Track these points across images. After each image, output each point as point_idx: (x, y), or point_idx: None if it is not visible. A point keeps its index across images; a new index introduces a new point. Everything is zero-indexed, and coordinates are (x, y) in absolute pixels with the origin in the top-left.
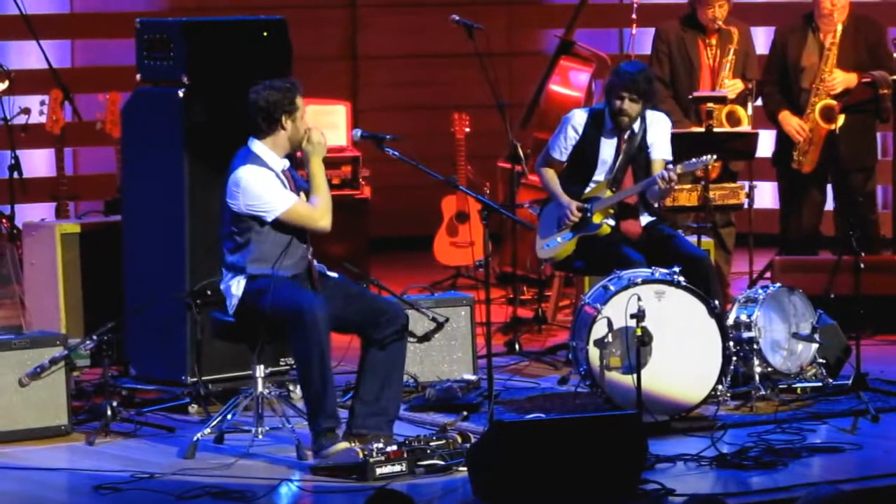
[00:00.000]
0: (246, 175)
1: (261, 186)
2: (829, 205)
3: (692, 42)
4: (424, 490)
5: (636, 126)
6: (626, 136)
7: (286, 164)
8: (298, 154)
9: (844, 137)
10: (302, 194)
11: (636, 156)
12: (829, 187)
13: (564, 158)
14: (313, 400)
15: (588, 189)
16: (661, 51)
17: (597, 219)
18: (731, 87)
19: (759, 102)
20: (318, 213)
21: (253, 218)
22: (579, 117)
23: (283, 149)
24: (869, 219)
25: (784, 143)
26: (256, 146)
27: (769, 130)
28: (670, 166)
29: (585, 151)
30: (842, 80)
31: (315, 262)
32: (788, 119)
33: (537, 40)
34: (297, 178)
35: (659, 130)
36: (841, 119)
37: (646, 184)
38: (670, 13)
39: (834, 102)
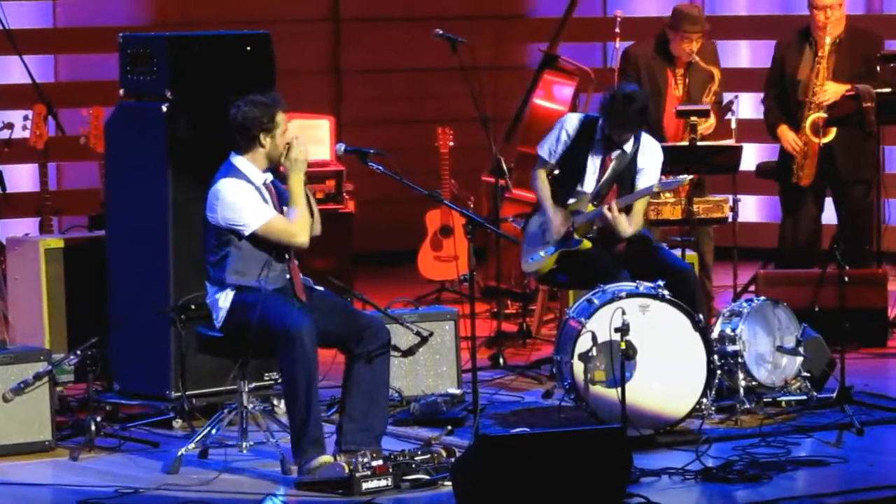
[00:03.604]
0: (224, 188)
1: (238, 200)
2: (828, 219)
3: (661, 70)
4: None
5: (628, 146)
6: (612, 155)
7: (269, 177)
8: (281, 168)
9: (839, 150)
10: (286, 209)
11: (624, 174)
12: (827, 200)
13: (554, 161)
14: (297, 422)
15: (572, 200)
16: (629, 74)
17: (578, 234)
18: (707, 127)
19: (741, 115)
20: (296, 228)
21: (231, 231)
22: (572, 122)
23: (262, 164)
24: (865, 232)
25: (785, 156)
26: (237, 160)
27: (753, 144)
28: (613, 202)
29: (573, 159)
30: (833, 91)
31: (301, 275)
32: (786, 133)
33: (521, 54)
34: (282, 189)
35: (651, 158)
36: (832, 132)
37: (595, 213)
38: (653, 27)
39: (822, 116)
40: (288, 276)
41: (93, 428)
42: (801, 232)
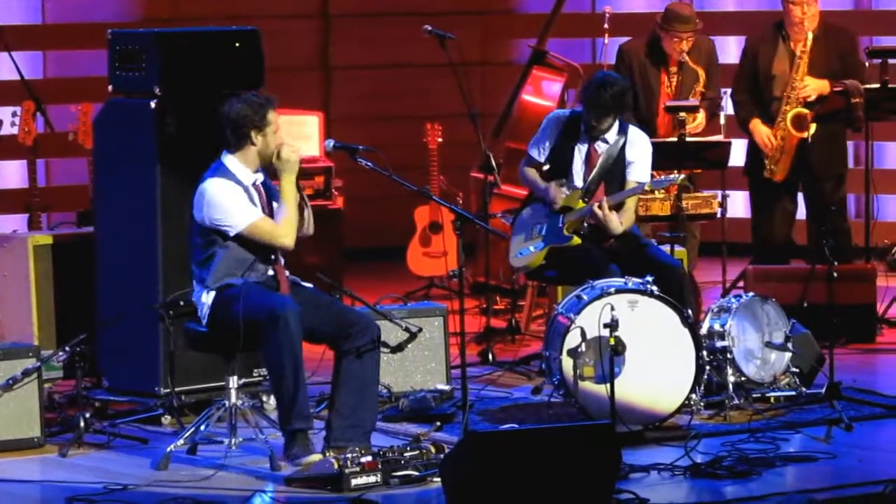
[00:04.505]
0: (211, 187)
1: (225, 200)
2: (801, 214)
3: (654, 71)
4: (399, 501)
5: (612, 137)
6: (599, 148)
7: (259, 177)
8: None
9: (815, 146)
10: (275, 205)
11: (612, 169)
12: (800, 196)
13: (543, 159)
14: (286, 399)
15: (564, 195)
16: (623, 72)
17: (567, 230)
18: (694, 127)
19: (730, 111)
20: (281, 230)
21: (217, 231)
22: (558, 119)
23: (253, 163)
24: (842, 227)
25: (755, 151)
26: (228, 160)
27: (742, 140)
28: (603, 199)
29: (560, 155)
30: (814, 87)
31: (287, 272)
32: (758, 128)
33: (510, 50)
34: (273, 190)
35: (640, 151)
36: (813, 127)
37: (586, 210)
38: (642, 23)
39: (806, 111)
40: (272, 274)
41: (82, 424)
42: (775, 227)
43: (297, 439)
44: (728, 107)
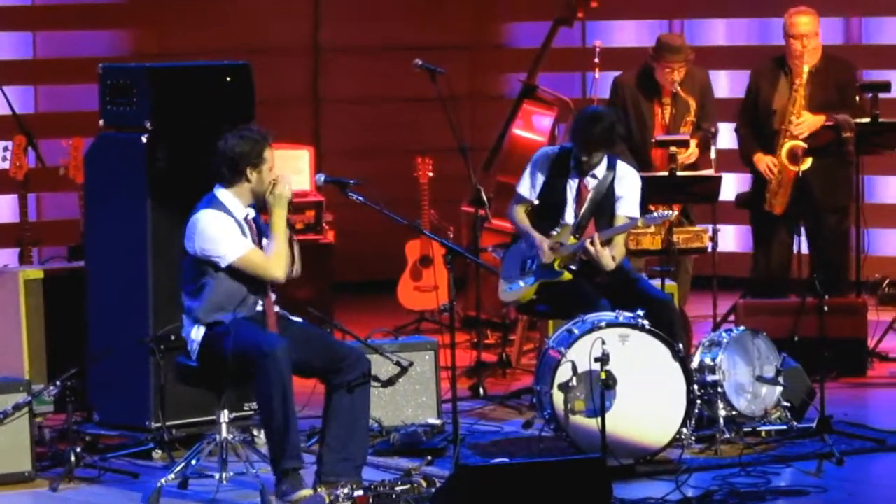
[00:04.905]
0: (204, 218)
1: (217, 231)
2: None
3: (647, 103)
4: None
5: (601, 172)
6: (588, 183)
7: (251, 213)
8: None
9: (816, 179)
10: (265, 242)
11: (602, 204)
12: (801, 229)
13: (533, 197)
14: (276, 439)
15: (554, 232)
16: (618, 105)
17: (558, 265)
18: (686, 157)
19: (721, 146)
20: (272, 262)
21: (208, 262)
22: (547, 156)
23: (246, 198)
24: (843, 261)
25: (758, 184)
26: (221, 193)
27: (733, 174)
28: (595, 235)
29: (551, 191)
30: (808, 123)
31: (276, 307)
32: (761, 159)
33: (500, 84)
34: (263, 225)
35: (629, 185)
36: (808, 161)
37: (578, 246)
38: (633, 57)
39: (801, 144)
40: (260, 309)
41: (72, 459)
42: (773, 261)
43: (288, 476)
44: (720, 141)
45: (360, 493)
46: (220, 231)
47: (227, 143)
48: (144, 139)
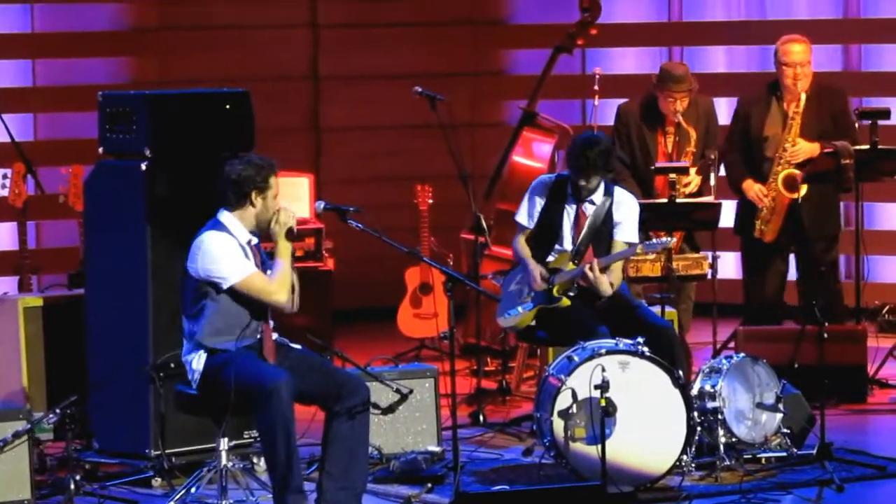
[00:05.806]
0: (208, 239)
1: (221, 253)
2: (793, 274)
3: (650, 132)
4: None
5: (599, 199)
6: (586, 209)
7: (254, 240)
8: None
9: (807, 206)
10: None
11: (600, 230)
12: (791, 256)
13: (531, 225)
14: (278, 471)
15: (552, 258)
16: (622, 132)
17: (557, 292)
18: (687, 183)
19: (722, 173)
20: (275, 286)
21: (210, 284)
22: (544, 184)
23: (249, 224)
24: (833, 289)
25: (746, 211)
26: (225, 217)
27: (733, 201)
28: (594, 261)
29: (549, 218)
30: (805, 150)
31: (275, 335)
32: (751, 186)
33: (500, 111)
34: (264, 253)
35: (627, 212)
36: (804, 188)
37: (576, 272)
38: (632, 85)
39: (797, 172)
40: (259, 336)
41: (72, 486)
42: (767, 288)
43: None
44: (718, 168)
45: None
46: (224, 253)
47: (233, 167)
48: (144, 167)
